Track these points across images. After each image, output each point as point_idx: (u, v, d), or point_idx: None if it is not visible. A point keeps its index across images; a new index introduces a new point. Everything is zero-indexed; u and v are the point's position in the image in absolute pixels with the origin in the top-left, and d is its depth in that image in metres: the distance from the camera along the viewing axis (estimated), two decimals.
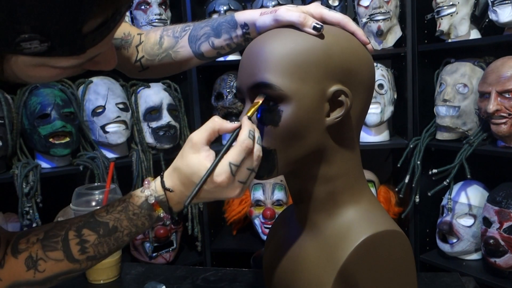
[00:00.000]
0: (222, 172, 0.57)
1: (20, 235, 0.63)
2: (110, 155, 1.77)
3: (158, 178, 0.63)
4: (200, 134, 0.59)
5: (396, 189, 1.85)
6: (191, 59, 0.83)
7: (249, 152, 0.57)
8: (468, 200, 1.67)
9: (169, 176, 0.62)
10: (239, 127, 0.59)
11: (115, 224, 0.62)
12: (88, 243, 0.61)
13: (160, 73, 0.88)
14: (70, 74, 0.57)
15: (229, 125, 0.60)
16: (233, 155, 0.57)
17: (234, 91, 1.95)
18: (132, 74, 0.89)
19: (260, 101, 0.59)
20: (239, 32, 0.75)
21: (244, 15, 0.74)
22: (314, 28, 0.61)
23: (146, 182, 0.63)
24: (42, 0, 0.43)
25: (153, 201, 0.61)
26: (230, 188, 0.58)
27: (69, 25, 0.45)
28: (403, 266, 0.62)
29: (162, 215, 0.62)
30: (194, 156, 0.58)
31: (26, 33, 0.44)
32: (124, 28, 0.84)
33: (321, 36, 0.61)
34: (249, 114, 0.59)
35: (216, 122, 0.60)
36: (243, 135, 0.57)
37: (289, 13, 0.63)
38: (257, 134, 0.59)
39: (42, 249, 0.61)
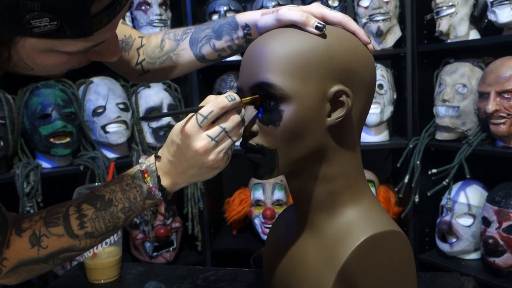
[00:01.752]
0: (188, 121, 0.58)
1: (23, 217, 0.66)
2: (110, 155, 1.77)
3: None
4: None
5: (396, 189, 1.86)
6: (192, 62, 0.83)
7: (222, 109, 0.58)
8: (467, 200, 1.68)
9: (163, 146, 0.64)
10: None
11: (110, 196, 0.63)
12: (86, 217, 0.63)
13: (160, 76, 0.88)
14: (76, 65, 0.58)
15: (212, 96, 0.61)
16: (203, 108, 0.59)
17: (235, 91, 1.95)
18: (132, 78, 0.89)
19: (258, 96, 0.61)
20: (240, 33, 0.76)
21: (245, 16, 0.75)
22: (317, 27, 0.61)
23: (144, 155, 0.66)
24: None
25: (144, 167, 0.63)
26: (197, 139, 0.58)
27: (78, 3, 0.46)
28: (403, 266, 0.62)
29: (151, 184, 0.63)
30: (180, 123, 0.61)
31: (36, 11, 0.45)
32: (125, 31, 0.85)
33: (323, 36, 0.61)
34: (243, 99, 0.61)
35: (209, 99, 0.61)
36: (221, 95, 0.59)
37: (291, 12, 0.63)
38: (244, 111, 0.61)
39: (45, 225, 0.63)
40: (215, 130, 0.59)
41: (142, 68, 0.86)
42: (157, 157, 0.63)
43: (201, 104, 0.60)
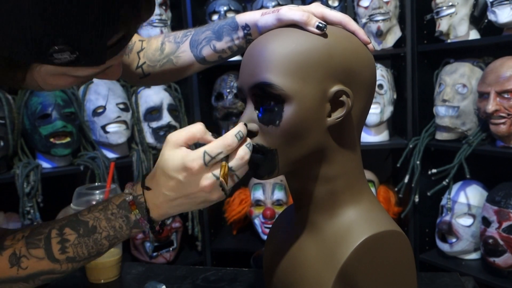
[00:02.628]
0: (195, 158, 0.56)
1: (8, 232, 0.64)
2: (110, 155, 1.77)
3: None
4: (178, 134, 0.58)
5: (396, 189, 1.86)
6: (192, 65, 0.82)
7: (230, 149, 0.57)
8: (467, 200, 1.68)
9: (151, 176, 0.61)
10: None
11: (94, 223, 0.61)
12: (68, 243, 0.61)
13: (161, 80, 0.88)
14: (82, 83, 0.61)
15: (210, 138, 0.58)
16: (210, 145, 0.56)
17: (234, 91, 1.96)
18: (132, 81, 0.90)
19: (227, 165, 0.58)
20: (241, 33, 0.76)
21: (245, 16, 0.74)
22: (318, 27, 0.61)
23: (129, 184, 0.63)
24: (78, 15, 0.47)
25: (131, 199, 0.61)
26: (202, 178, 0.56)
27: (98, 39, 0.49)
28: (403, 266, 0.62)
29: (138, 217, 0.61)
30: (171, 152, 0.58)
31: (59, 45, 0.48)
32: None
33: (324, 35, 0.61)
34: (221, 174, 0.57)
35: (199, 128, 0.59)
36: (230, 132, 0.57)
37: (292, 12, 0.63)
38: (249, 140, 0.59)
39: (26, 246, 0.61)
40: (218, 171, 0.57)
41: (142, 72, 0.85)
42: (146, 188, 0.61)
43: (187, 128, 0.58)
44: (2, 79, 0.55)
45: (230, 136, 0.57)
